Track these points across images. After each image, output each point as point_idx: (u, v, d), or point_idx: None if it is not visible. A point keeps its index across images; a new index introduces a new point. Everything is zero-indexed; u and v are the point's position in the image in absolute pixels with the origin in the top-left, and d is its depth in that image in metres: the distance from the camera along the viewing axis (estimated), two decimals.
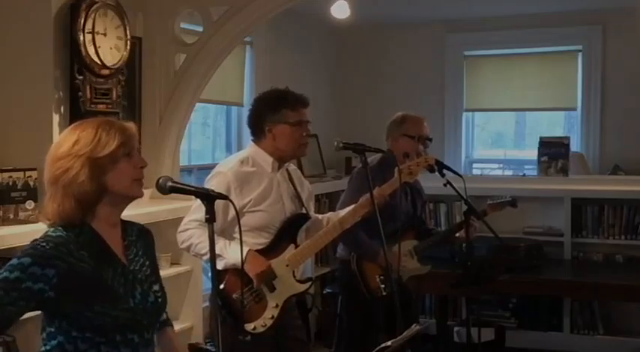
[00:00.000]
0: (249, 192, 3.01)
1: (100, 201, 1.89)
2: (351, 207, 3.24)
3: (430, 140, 3.83)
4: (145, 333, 1.94)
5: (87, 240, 1.87)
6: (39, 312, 1.89)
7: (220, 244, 2.88)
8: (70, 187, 1.84)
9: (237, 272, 2.84)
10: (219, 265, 2.85)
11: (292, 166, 3.28)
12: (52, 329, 1.87)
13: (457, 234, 3.87)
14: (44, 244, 1.81)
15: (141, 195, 1.96)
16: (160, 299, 2.01)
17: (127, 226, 2.04)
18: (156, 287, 2.01)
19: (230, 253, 2.89)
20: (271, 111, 3.06)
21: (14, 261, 1.78)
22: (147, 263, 2.03)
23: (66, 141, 1.88)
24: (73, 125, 1.95)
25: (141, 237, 2.07)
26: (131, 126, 1.96)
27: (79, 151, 1.85)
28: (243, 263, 2.81)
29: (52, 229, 1.87)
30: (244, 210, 2.98)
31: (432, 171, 3.47)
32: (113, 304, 1.86)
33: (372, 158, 3.80)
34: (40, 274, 1.77)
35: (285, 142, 3.06)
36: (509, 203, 4.05)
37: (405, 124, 3.80)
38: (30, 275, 1.76)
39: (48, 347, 1.88)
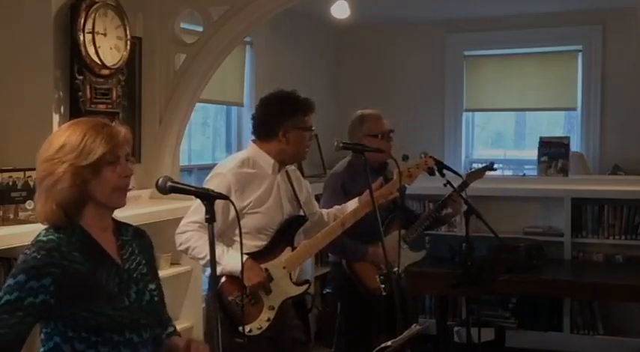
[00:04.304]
0: (250, 194, 3.00)
1: (84, 206, 1.89)
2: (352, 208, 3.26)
3: (392, 131, 3.75)
4: (144, 333, 1.94)
5: (79, 241, 1.87)
6: None
7: (218, 251, 2.85)
8: (51, 191, 1.85)
9: (235, 277, 2.84)
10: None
11: (291, 167, 3.27)
12: (48, 330, 1.87)
13: (443, 212, 3.84)
14: (35, 254, 1.81)
15: (122, 205, 1.94)
16: (156, 298, 2.00)
17: (121, 226, 2.04)
18: (152, 286, 2.01)
19: (228, 260, 2.87)
20: (289, 117, 3.04)
21: (10, 281, 1.80)
22: (143, 262, 2.02)
23: (53, 144, 1.88)
24: (65, 125, 1.95)
25: (136, 237, 2.07)
26: (122, 131, 1.93)
27: (63, 157, 1.84)
28: (243, 264, 2.80)
29: (43, 232, 1.88)
30: (244, 211, 2.97)
31: (431, 173, 3.46)
32: (108, 303, 1.86)
33: (339, 164, 3.79)
34: (38, 287, 1.78)
35: (295, 147, 3.06)
36: (487, 168, 3.96)
37: (366, 124, 3.72)
38: (29, 291, 1.78)
39: (45, 349, 1.89)
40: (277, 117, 3.06)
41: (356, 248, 3.60)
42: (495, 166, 4.04)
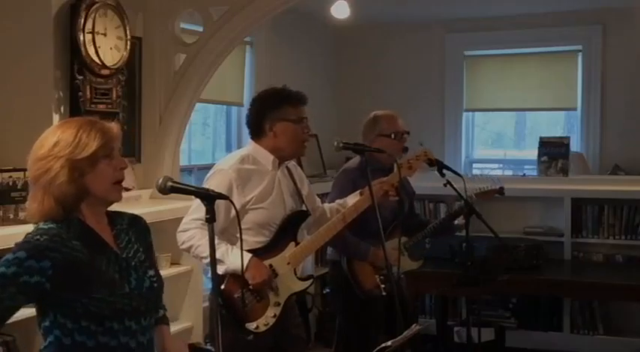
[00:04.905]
0: (251, 190, 3.00)
1: (81, 201, 1.91)
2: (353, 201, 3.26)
3: (407, 133, 3.77)
4: (143, 320, 1.95)
5: (77, 231, 1.89)
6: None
7: (222, 249, 2.87)
8: (49, 188, 1.86)
9: (239, 275, 2.84)
10: (220, 270, 2.83)
11: (292, 162, 3.27)
12: (47, 324, 1.88)
13: (456, 222, 3.84)
14: (38, 237, 1.83)
15: (119, 199, 1.97)
16: (155, 284, 2.02)
17: (115, 216, 2.05)
18: (151, 273, 2.02)
19: (231, 258, 2.87)
20: (272, 109, 3.05)
21: (9, 256, 1.80)
22: (140, 249, 2.04)
23: (46, 142, 1.89)
24: (55, 125, 1.97)
25: (132, 225, 2.08)
26: (113, 126, 1.97)
27: (59, 153, 1.86)
28: (243, 262, 2.80)
29: (42, 223, 1.89)
30: (246, 207, 2.98)
31: (431, 165, 3.46)
32: (110, 290, 1.87)
33: (352, 160, 3.80)
34: (36, 267, 1.79)
35: (286, 139, 3.06)
36: (496, 191, 3.95)
37: (379, 124, 3.75)
38: (27, 268, 1.78)
39: (47, 344, 1.90)
40: (262, 112, 3.08)
41: (358, 246, 3.59)
42: (504, 191, 4.01)
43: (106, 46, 3.43)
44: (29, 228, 1.95)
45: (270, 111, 3.06)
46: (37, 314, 1.90)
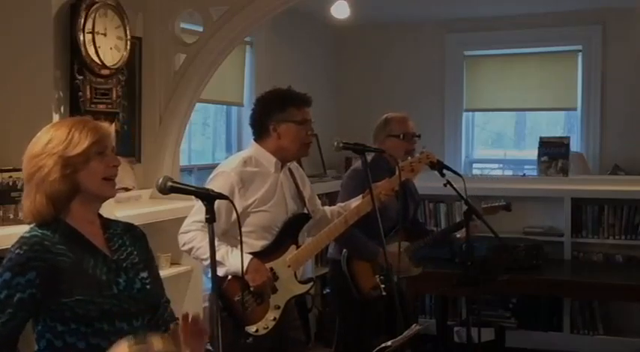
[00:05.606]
0: (254, 193, 2.99)
1: (72, 198, 1.93)
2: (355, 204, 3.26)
3: (418, 136, 3.80)
4: (134, 321, 1.95)
5: (64, 235, 1.91)
6: None
7: (222, 251, 2.86)
8: (42, 185, 1.89)
9: (239, 277, 2.84)
10: (220, 272, 2.83)
11: (294, 163, 3.27)
12: (39, 328, 1.90)
13: (458, 235, 3.86)
14: (18, 251, 1.85)
15: (112, 195, 2.00)
16: (148, 286, 2.02)
17: (108, 222, 2.07)
18: (144, 275, 2.03)
19: (232, 260, 2.86)
20: (277, 110, 3.05)
21: None
22: (134, 253, 2.05)
23: (40, 141, 1.93)
24: (49, 125, 2.00)
25: (128, 231, 2.10)
26: (106, 125, 2.01)
27: (52, 150, 1.89)
28: (243, 264, 2.80)
29: (26, 231, 1.91)
30: (248, 210, 2.97)
31: (433, 168, 3.46)
32: (97, 291, 1.88)
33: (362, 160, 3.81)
34: (24, 282, 1.82)
35: (289, 141, 3.05)
36: (503, 207, 3.98)
37: (389, 125, 3.78)
38: (16, 287, 1.82)
39: (41, 347, 1.91)
40: (266, 113, 3.08)
41: (368, 245, 3.58)
42: (511, 208, 4.03)
43: (106, 46, 3.42)
44: (28, 228, 1.96)
45: (274, 113, 3.05)
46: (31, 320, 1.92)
